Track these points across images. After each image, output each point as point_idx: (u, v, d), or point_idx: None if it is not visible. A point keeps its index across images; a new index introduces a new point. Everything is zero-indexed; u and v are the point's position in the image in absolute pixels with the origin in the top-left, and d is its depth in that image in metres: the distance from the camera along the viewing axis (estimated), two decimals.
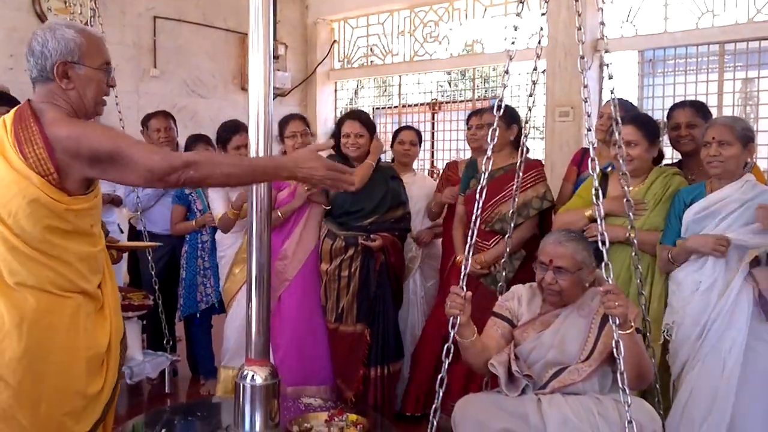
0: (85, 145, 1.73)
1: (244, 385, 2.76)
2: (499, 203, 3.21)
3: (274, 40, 3.21)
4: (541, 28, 2.71)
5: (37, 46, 1.82)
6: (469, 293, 2.28)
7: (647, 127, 2.80)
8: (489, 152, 2.47)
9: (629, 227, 2.46)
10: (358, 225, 3.49)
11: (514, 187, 2.82)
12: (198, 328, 4.19)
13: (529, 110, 2.85)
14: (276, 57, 7.88)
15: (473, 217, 2.38)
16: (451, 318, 2.28)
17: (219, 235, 3.92)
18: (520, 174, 2.82)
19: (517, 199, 2.78)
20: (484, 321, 2.57)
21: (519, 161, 2.81)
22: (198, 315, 4.11)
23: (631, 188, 2.70)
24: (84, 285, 1.86)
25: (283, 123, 3.85)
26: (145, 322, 4.19)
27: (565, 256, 2.36)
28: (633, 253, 2.47)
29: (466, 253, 2.34)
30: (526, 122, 2.90)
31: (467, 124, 4.03)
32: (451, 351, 2.28)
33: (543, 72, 6.66)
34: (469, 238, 2.36)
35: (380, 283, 3.50)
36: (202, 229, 4.06)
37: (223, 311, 4.00)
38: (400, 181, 3.74)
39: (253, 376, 2.77)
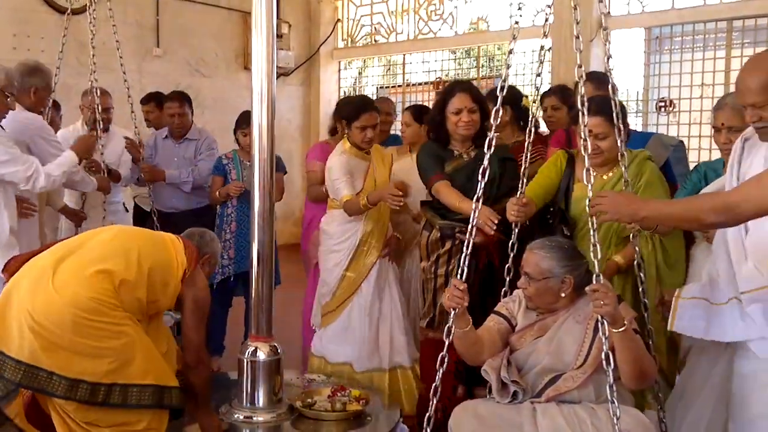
0: (200, 290, 2.48)
1: (247, 361, 2.80)
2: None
3: (277, 18, 3.16)
4: (549, 6, 2.64)
5: (208, 238, 2.71)
6: (464, 285, 2.27)
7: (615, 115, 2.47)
8: (491, 134, 2.40)
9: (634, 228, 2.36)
10: (459, 215, 2.90)
11: (523, 162, 2.69)
12: (214, 300, 4.14)
13: (537, 89, 2.77)
14: (279, 36, 7.84)
15: (474, 198, 2.37)
16: (451, 310, 2.27)
17: (329, 226, 3.43)
18: (528, 156, 2.69)
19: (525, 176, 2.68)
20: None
21: (527, 141, 2.70)
22: (214, 286, 4.10)
23: (602, 176, 2.63)
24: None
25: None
26: None
27: (531, 263, 2.35)
28: (635, 262, 2.39)
29: (468, 237, 2.34)
30: (533, 102, 2.82)
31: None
32: (446, 360, 2.27)
33: (549, 49, 6.62)
34: (471, 220, 2.35)
35: (482, 287, 2.95)
36: (228, 201, 4.07)
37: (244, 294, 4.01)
38: (515, 162, 3.12)
39: (256, 352, 2.80)
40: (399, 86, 8.20)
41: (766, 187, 1.73)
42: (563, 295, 2.33)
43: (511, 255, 2.65)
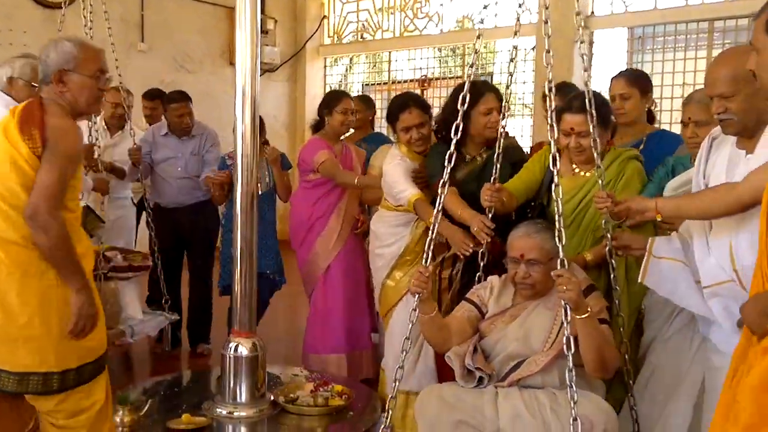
0: (54, 140, 2.10)
1: (229, 357, 2.81)
2: None
3: (262, 14, 3.16)
4: (520, 5, 2.65)
5: (44, 56, 2.24)
6: (432, 266, 2.30)
7: (598, 113, 2.42)
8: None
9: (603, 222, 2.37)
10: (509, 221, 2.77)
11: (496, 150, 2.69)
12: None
13: (507, 88, 2.73)
14: (265, 32, 7.82)
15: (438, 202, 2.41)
16: (416, 296, 2.29)
17: (377, 226, 3.29)
18: (500, 158, 2.68)
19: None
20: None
21: (501, 131, 2.70)
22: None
23: (584, 173, 2.62)
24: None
25: (336, 98, 3.71)
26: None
27: (535, 247, 2.32)
28: (607, 248, 2.38)
29: (430, 234, 2.36)
30: (507, 101, 2.75)
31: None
32: (410, 344, 2.33)
33: (533, 49, 6.66)
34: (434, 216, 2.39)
35: None
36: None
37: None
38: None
39: (237, 347, 2.81)
40: (385, 83, 8.22)
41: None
42: None
43: (485, 241, 2.63)
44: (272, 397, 2.90)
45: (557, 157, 2.21)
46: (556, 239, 2.10)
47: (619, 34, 6.34)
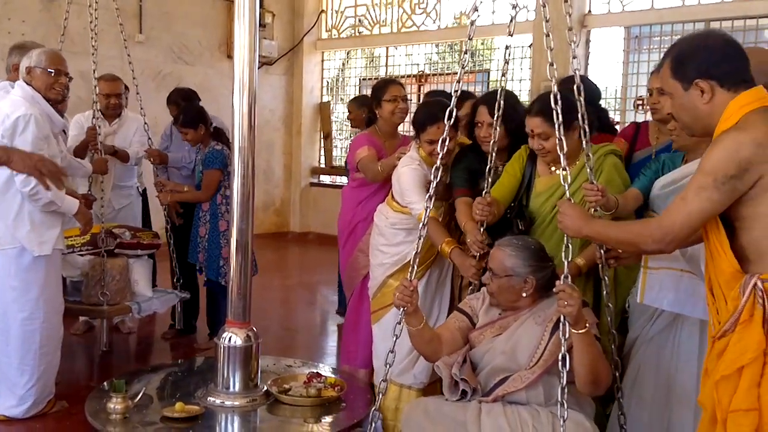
0: None
1: (223, 347, 2.84)
2: None
3: (260, 8, 3.17)
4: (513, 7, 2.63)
5: None
6: (416, 280, 2.29)
7: (560, 114, 2.25)
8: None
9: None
10: (493, 224, 2.70)
11: (489, 159, 2.69)
12: (220, 295, 4.12)
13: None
14: (263, 25, 7.83)
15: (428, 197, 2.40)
16: (401, 309, 2.28)
17: (381, 221, 3.16)
18: (494, 155, 2.66)
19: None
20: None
21: (492, 149, 2.68)
22: (222, 283, 4.07)
23: (559, 172, 2.37)
24: None
25: (382, 87, 3.51)
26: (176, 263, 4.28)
27: (496, 259, 2.34)
28: (600, 266, 2.29)
29: (416, 248, 2.33)
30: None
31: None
32: (395, 353, 2.29)
33: (529, 46, 6.68)
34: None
35: None
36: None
37: None
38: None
39: (231, 337, 2.84)
40: (382, 78, 8.22)
41: (691, 202, 1.65)
42: (524, 294, 2.32)
43: (477, 254, 2.61)
44: (265, 387, 2.92)
45: (563, 158, 2.18)
46: (562, 254, 2.08)
47: (616, 34, 6.37)
